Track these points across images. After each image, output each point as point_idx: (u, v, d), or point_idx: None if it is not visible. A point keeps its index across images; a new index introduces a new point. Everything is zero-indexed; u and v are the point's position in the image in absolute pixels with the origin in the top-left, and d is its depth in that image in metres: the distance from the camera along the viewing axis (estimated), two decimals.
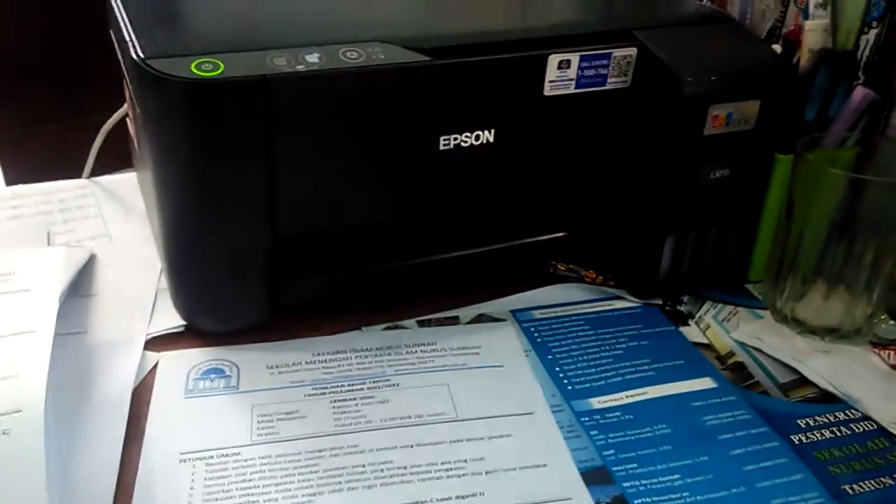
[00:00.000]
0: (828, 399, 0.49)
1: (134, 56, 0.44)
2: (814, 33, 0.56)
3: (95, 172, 0.73)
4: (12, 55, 1.90)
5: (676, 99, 0.50)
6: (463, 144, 0.50)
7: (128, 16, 0.50)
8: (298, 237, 0.50)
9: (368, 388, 0.49)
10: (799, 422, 0.47)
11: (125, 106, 0.65)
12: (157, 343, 0.52)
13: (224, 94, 0.43)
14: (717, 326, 0.56)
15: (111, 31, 0.60)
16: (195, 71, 0.43)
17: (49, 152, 2.05)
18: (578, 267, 0.61)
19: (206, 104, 0.43)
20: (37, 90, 1.99)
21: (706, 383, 0.50)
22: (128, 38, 0.46)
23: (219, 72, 0.43)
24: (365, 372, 0.50)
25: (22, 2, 1.85)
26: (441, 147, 0.50)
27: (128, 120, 0.66)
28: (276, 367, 0.50)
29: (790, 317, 0.55)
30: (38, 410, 0.40)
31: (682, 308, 0.57)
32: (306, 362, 0.51)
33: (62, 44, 1.96)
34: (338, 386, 0.49)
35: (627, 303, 0.58)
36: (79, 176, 0.72)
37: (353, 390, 0.49)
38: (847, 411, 0.48)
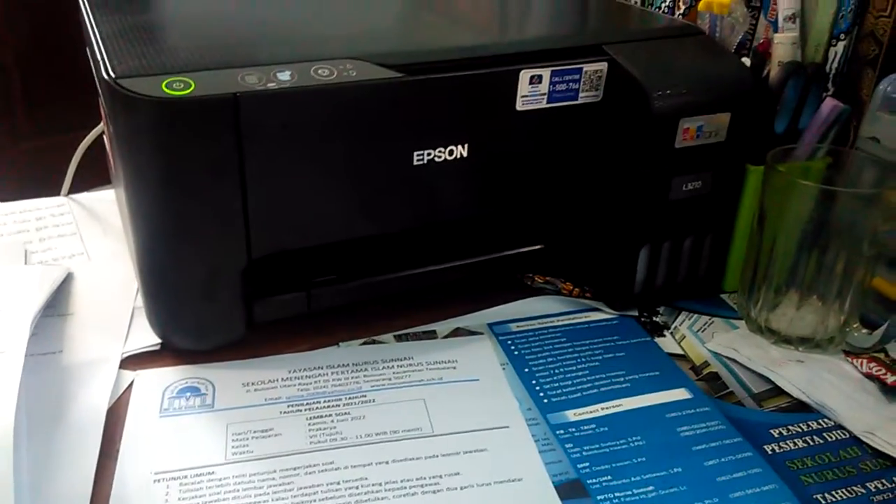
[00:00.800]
0: (801, 408, 0.50)
1: (105, 75, 0.44)
2: (783, 46, 0.56)
3: (74, 189, 0.73)
4: None
5: (646, 112, 0.51)
6: (437, 159, 0.51)
7: (101, 35, 0.50)
8: (273, 255, 0.50)
9: (344, 404, 0.49)
10: (772, 431, 0.48)
11: (101, 124, 0.65)
12: (133, 361, 0.52)
13: (195, 112, 0.43)
14: (692, 337, 0.56)
15: (87, 50, 0.60)
16: (166, 90, 0.43)
17: (30, 169, 2.05)
18: (556, 279, 0.61)
19: (177, 123, 0.43)
20: (15, 107, 1.99)
21: (681, 394, 0.50)
22: (100, 58, 0.47)
23: (189, 90, 0.43)
24: (341, 388, 0.50)
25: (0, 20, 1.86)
26: (415, 162, 0.50)
27: (104, 138, 0.66)
28: (252, 384, 0.50)
29: (764, 327, 0.56)
30: (6, 433, 0.39)
31: (658, 319, 0.58)
32: (282, 379, 0.51)
33: (41, 61, 1.96)
34: (313, 402, 0.49)
35: (604, 314, 0.58)
36: (59, 193, 0.72)
37: (328, 407, 0.49)
38: (820, 420, 0.49)
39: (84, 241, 0.65)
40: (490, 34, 0.58)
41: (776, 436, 0.47)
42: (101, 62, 0.46)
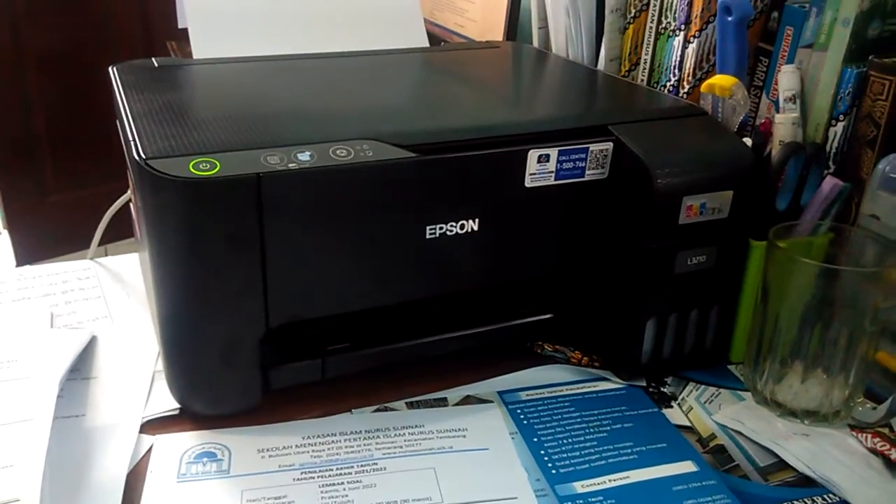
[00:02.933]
0: (807, 483, 0.50)
1: (136, 156, 0.47)
2: (784, 126, 0.59)
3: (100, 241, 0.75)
4: (18, 128, 1.97)
5: (650, 190, 0.53)
6: (449, 233, 0.53)
7: (131, 114, 0.53)
8: (290, 324, 0.52)
9: (356, 471, 0.50)
10: None
11: (129, 192, 0.68)
12: (152, 426, 0.53)
13: (220, 192, 0.46)
14: (699, 408, 0.57)
15: (117, 123, 0.64)
16: (193, 170, 0.45)
17: (58, 222, 2.10)
18: (564, 348, 0.62)
19: (203, 201, 0.46)
20: (44, 164, 2.05)
21: (687, 467, 0.51)
22: (131, 138, 0.49)
23: (215, 171, 0.46)
24: (353, 455, 0.51)
25: (26, 75, 1.93)
26: (427, 236, 0.52)
27: (131, 205, 0.69)
28: (267, 450, 0.51)
29: (770, 399, 0.56)
30: (34, 500, 0.41)
31: (666, 389, 0.59)
32: (296, 446, 0.52)
33: (68, 122, 2.03)
34: (326, 470, 0.50)
35: (612, 384, 0.59)
36: (87, 245, 0.75)
37: (341, 474, 0.50)
38: (825, 496, 0.49)
39: (108, 304, 0.68)
40: (499, 114, 0.60)
41: None
42: (132, 142, 0.49)
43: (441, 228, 0.53)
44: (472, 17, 1.18)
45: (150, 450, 0.51)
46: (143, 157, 0.46)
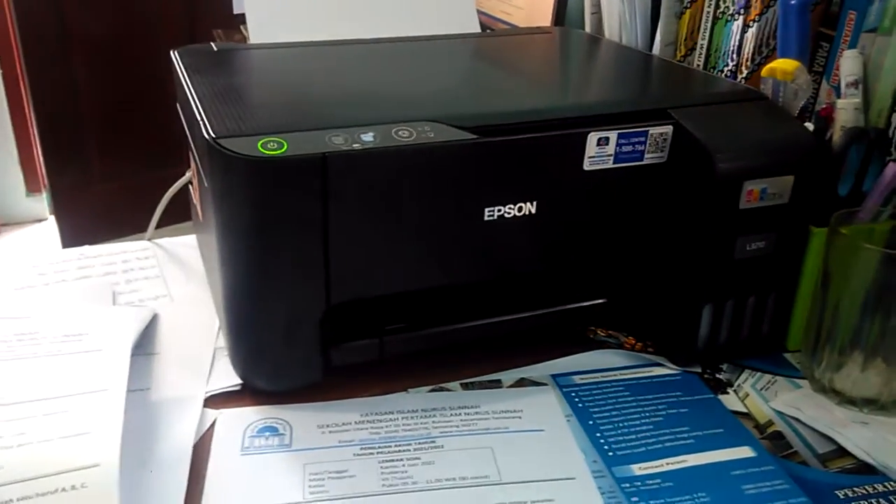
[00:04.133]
0: (867, 470, 0.50)
1: (205, 135, 0.48)
2: (846, 111, 0.58)
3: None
4: (65, 114, 2.01)
5: (711, 175, 0.52)
6: (507, 215, 0.53)
7: (197, 96, 0.54)
8: (349, 302, 0.53)
9: (415, 449, 0.51)
10: (837, 493, 0.48)
11: (188, 174, 0.69)
12: (215, 400, 0.54)
13: (288, 170, 0.46)
14: (755, 395, 0.57)
15: (178, 106, 0.65)
16: (261, 149, 0.46)
17: (103, 209, 2.14)
18: (618, 333, 0.62)
19: (271, 180, 0.46)
20: (89, 152, 2.09)
21: (745, 452, 0.51)
22: (198, 118, 0.51)
23: (283, 150, 0.46)
24: (411, 433, 0.52)
25: (73, 59, 1.96)
26: (486, 218, 0.53)
27: (190, 187, 0.70)
28: (327, 426, 0.52)
29: (828, 387, 0.56)
30: (113, 464, 0.42)
31: (721, 376, 0.58)
32: (355, 422, 0.53)
33: (112, 102, 2.07)
34: (385, 446, 0.51)
35: (667, 370, 0.59)
36: (131, 234, 0.76)
37: (399, 451, 0.50)
38: (886, 483, 0.49)
39: (167, 283, 0.69)
40: (559, 97, 0.60)
41: (842, 497, 0.48)
42: (199, 122, 0.50)
43: (499, 210, 0.53)
44: (519, 5, 1.18)
45: (213, 424, 0.52)
46: (213, 135, 0.47)
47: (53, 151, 2.03)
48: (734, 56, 0.67)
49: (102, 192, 2.13)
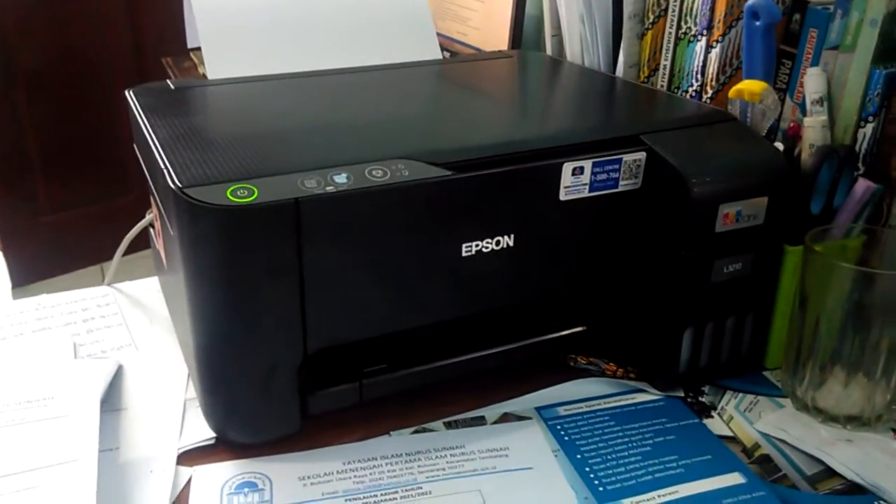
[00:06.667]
0: (856, 490, 0.50)
1: (171, 185, 0.46)
2: (813, 129, 0.58)
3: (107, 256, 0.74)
4: (9, 148, 1.95)
5: (686, 199, 0.52)
6: (484, 250, 0.52)
7: (159, 141, 0.52)
8: (327, 349, 0.51)
9: (401, 497, 0.49)
10: None
11: (149, 216, 0.67)
12: (189, 456, 0.52)
13: (260, 218, 0.45)
14: (739, 417, 0.56)
15: (135, 147, 0.63)
16: (231, 198, 0.44)
17: (52, 242, 2.08)
18: (599, 360, 0.62)
19: (242, 229, 0.45)
20: (35, 182, 2.03)
21: (735, 479, 0.51)
22: (161, 165, 0.48)
23: (253, 197, 0.45)
24: (396, 479, 0.50)
25: (16, 94, 1.91)
26: (464, 254, 0.52)
27: (151, 230, 0.68)
28: (308, 477, 0.50)
29: (811, 405, 0.56)
30: None
31: (704, 399, 0.58)
32: (338, 472, 0.51)
33: (58, 135, 2.01)
34: (370, 496, 0.49)
35: (650, 395, 0.59)
36: (81, 265, 0.73)
37: (385, 499, 0.49)
38: (876, 502, 0.49)
39: (131, 331, 0.66)
40: (531, 127, 0.60)
41: None
42: (163, 170, 0.48)
43: (477, 245, 0.52)
44: (475, 26, 1.17)
45: (188, 482, 0.50)
46: (179, 185, 0.45)
47: None
48: (698, 76, 0.67)
49: (50, 223, 2.07)
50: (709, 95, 0.66)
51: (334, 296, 0.49)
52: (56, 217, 2.07)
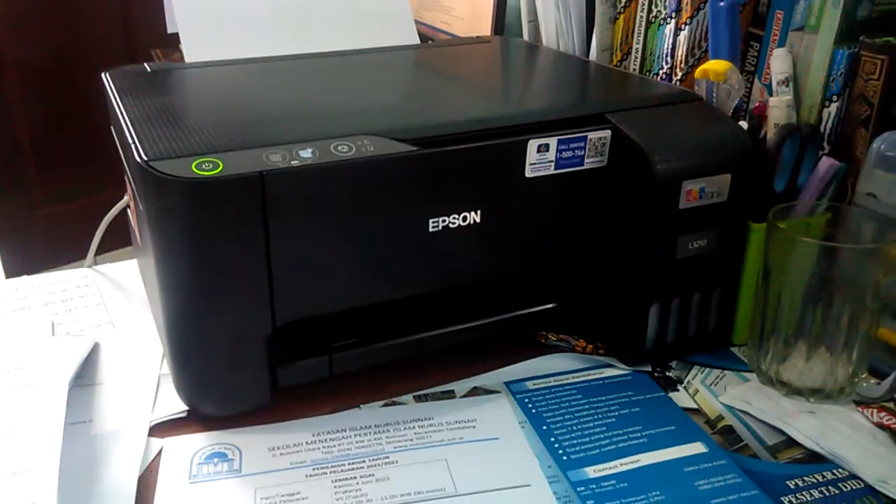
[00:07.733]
0: (816, 459, 0.51)
1: (137, 158, 0.47)
2: (778, 109, 0.59)
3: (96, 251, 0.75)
4: (2, 142, 1.96)
5: (650, 176, 0.53)
6: (451, 226, 0.53)
7: (129, 118, 0.53)
8: (296, 322, 0.52)
9: (368, 466, 0.50)
10: (788, 483, 0.49)
11: (126, 198, 0.67)
12: (160, 429, 0.53)
13: (224, 191, 0.45)
14: (705, 391, 0.57)
15: (112, 128, 0.64)
16: (196, 170, 0.45)
17: (46, 235, 2.09)
18: (569, 336, 0.63)
19: (207, 201, 0.45)
20: (30, 176, 2.04)
21: (697, 448, 0.52)
22: (130, 141, 0.49)
23: (218, 170, 0.46)
24: (364, 450, 0.51)
25: (7, 87, 1.92)
26: (430, 229, 0.52)
27: (128, 210, 0.68)
28: (278, 448, 0.51)
29: (775, 379, 0.57)
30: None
31: (671, 374, 0.59)
32: (307, 443, 0.52)
33: (53, 133, 2.02)
34: (338, 465, 0.50)
35: (618, 370, 0.59)
36: (75, 258, 0.74)
37: (353, 469, 0.50)
38: (835, 471, 0.50)
39: (109, 310, 0.67)
40: (498, 106, 0.60)
41: (792, 487, 0.48)
42: (131, 145, 0.49)
43: (444, 221, 0.53)
44: (459, 15, 1.18)
45: (159, 453, 0.51)
46: (145, 158, 0.46)
47: None
48: (668, 59, 0.68)
49: (45, 217, 2.07)
50: (678, 77, 0.67)
51: (301, 269, 0.50)
52: (50, 210, 2.08)
